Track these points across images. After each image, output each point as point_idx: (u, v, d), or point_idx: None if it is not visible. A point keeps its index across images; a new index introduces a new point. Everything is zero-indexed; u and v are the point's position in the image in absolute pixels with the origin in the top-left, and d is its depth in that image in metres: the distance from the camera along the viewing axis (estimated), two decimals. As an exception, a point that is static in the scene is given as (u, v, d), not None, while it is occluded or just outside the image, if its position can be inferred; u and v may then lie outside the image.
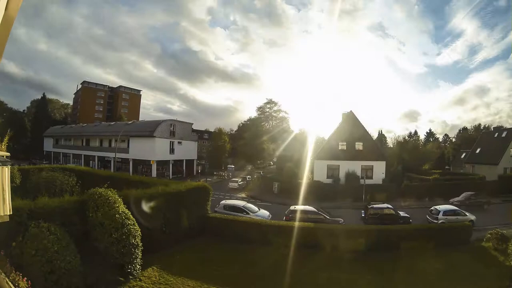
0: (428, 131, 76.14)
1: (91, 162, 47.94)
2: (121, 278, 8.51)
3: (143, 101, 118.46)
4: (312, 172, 33.67)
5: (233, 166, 50.71)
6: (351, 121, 33.97)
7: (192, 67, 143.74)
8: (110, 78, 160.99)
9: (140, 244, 9.08)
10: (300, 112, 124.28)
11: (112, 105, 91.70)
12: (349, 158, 31.76)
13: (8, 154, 6.02)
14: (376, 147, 34.48)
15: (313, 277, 9.99)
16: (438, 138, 75.37)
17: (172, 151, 43.64)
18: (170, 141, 43.44)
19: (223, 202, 18.21)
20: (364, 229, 13.58)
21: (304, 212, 16.55)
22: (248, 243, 12.93)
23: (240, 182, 35.63)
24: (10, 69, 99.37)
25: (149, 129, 41.07)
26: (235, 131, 79.98)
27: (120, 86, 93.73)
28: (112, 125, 50.13)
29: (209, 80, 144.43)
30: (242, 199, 24.97)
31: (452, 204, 22.88)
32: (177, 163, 45.40)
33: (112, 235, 8.38)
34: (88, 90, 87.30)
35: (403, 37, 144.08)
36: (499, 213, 20.40)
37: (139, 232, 9.15)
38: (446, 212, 17.59)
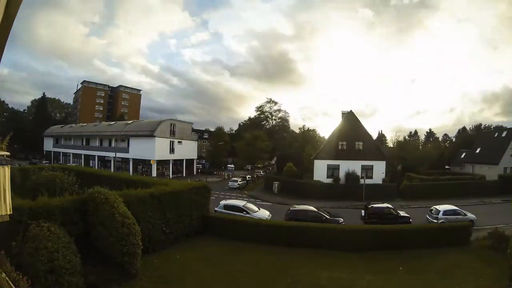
0: (428, 131, 76.23)
1: (91, 161, 47.98)
2: (121, 278, 8.51)
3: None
4: (312, 171, 33.68)
5: (233, 166, 50.77)
6: (351, 121, 33.96)
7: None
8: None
9: (140, 243, 9.08)
10: (300, 111, 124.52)
11: (112, 105, 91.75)
12: (349, 157, 31.75)
13: (8, 153, 6.03)
14: (376, 147, 34.45)
15: (313, 277, 9.98)
16: (438, 138, 75.35)
17: (172, 150, 43.67)
18: (170, 141, 43.47)
19: (223, 202, 18.21)
20: (364, 229, 13.58)
21: (304, 211, 16.55)
22: (248, 242, 12.93)
23: (240, 182, 35.65)
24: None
25: (149, 129, 41.09)
26: (235, 131, 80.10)
27: (120, 86, 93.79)
28: (112, 125, 50.15)
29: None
30: (242, 199, 24.96)
31: None
32: (177, 162, 45.43)
33: (112, 234, 8.38)
34: (88, 89, 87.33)
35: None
36: (499, 213, 20.40)
37: (139, 231, 9.15)
38: (446, 212, 17.59)
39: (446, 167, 48.32)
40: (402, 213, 17.90)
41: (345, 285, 9.55)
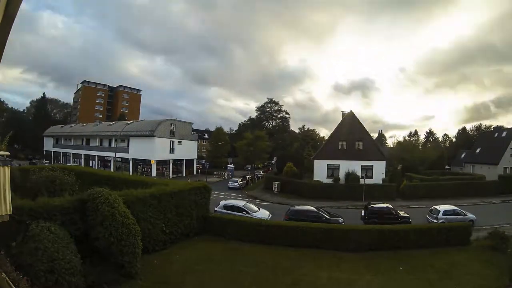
0: (428, 131, 76.16)
1: (91, 161, 47.97)
2: (121, 278, 8.51)
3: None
4: (312, 171, 33.67)
5: (233, 166, 50.70)
6: (351, 121, 33.95)
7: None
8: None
9: (140, 243, 9.08)
10: (300, 111, 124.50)
11: (112, 105, 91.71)
12: (349, 157, 31.74)
13: (8, 153, 6.03)
14: (376, 147, 34.45)
15: (313, 277, 9.99)
16: (438, 138, 75.29)
17: (172, 150, 43.64)
18: (170, 141, 43.44)
19: (223, 201, 18.23)
20: (364, 229, 13.57)
21: (304, 211, 16.56)
22: (248, 242, 12.95)
23: (240, 182, 35.61)
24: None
25: (149, 129, 41.07)
26: (235, 130, 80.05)
27: (120, 86, 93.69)
28: (112, 125, 50.13)
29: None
30: (242, 199, 24.96)
31: None
32: (177, 162, 45.41)
33: (112, 234, 8.39)
34: (88, 89, 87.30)
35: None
36: (499, 213, 20.42)
37: (139, 231, 9.15)
38: (446, 212, 17.59)
39: (446, 167, 48.30)
40: (402, 213, 17.89)
41: (345, 285, 9.55)
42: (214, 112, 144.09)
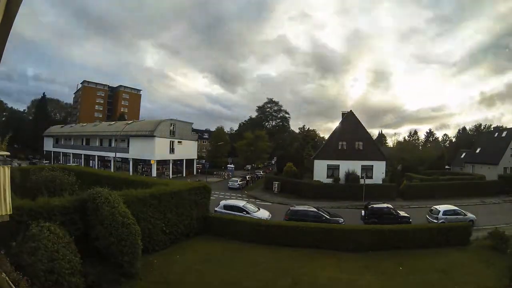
0: (428, 131, 76.27)
1: (91, 161, 47.98)
2: (121, 278, 8.51)
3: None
4: (312, 171, 33.67)
5: (233, 166, 50.72)
6: (351, 121, 33.95)
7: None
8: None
9: (140, 243, 9.08)
10: (300, 111, 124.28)
11: (112, 105, 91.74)
12: (349, 157, 31.74)
13: (8, 153, 6.03)
14: (376, 147, 34.46)
15: (313, 277, 9.98)
16: (438, 138, 75.38)
17: (172, 150, 43.65)
18: (170, 141, 43.45)
19: (223, 201, 18.23)
20: (364, 229, 13.57)
21: (304, 212, 16.55)
22: (248, 242, 12.94)
23: (240, 182, 35.61)
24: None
25: (149, 129, 41.07)
26: (235, 130, 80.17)
27: (120, 86, 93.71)
28: (112, 125, 50.13)
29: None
30: (242, 198, 24.96)
31: None
32: (177, 162, 45.41)
33: (112, 234, 8.38)
34: (88, 89, 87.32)
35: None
36: (499, 213, 20.43)
37: (139, 231, 9.15)
38: (446, 212, 17.59)
39: (446, 167, 48.33)
40: (402, 213, 17.90)
41: (345, 285, 9.55)
42: (163, 92, 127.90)
